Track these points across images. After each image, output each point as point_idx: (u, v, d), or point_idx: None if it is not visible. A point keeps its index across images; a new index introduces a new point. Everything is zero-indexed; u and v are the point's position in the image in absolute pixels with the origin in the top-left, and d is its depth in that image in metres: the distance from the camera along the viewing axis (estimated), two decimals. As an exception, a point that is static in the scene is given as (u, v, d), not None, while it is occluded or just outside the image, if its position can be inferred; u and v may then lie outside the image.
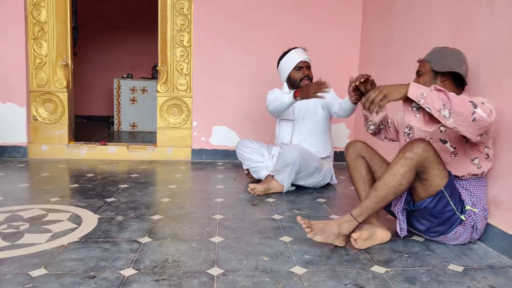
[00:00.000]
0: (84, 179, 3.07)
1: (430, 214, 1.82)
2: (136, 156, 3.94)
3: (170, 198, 2.62)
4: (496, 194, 1.93)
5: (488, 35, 2.02)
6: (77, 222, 2.12)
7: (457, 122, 1.57)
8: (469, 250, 1.89)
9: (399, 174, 1.72)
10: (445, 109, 1.54)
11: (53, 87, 3.84)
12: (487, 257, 1.82)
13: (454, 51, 1.96)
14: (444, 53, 1.94)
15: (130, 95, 6.04)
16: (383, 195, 1.75)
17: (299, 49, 2.96)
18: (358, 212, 1.80)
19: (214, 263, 1.67)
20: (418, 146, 1.71)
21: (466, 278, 1.62)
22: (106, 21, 7.17)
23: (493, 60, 1.98)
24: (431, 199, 1.77)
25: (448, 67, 1.89)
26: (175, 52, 3.86)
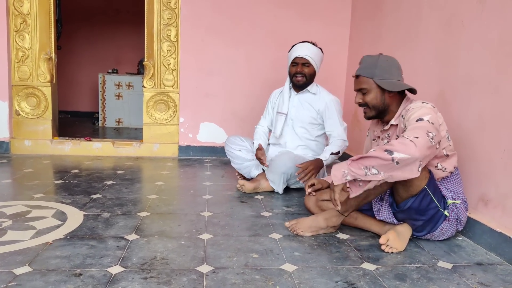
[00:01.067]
0: (68, 175, 3.00)
1: (415, 213, 1.81)
2: (122, 152, 3.88)
3: (157, 195, 2.58)
4: (484, 192, 1.94)
5: (479, 33, 2.02)
6: (62, 219, 2.08)
7: (388, 173, 1.62)
8: (457, 247, 1.90)
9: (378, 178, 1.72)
10: (370, 169, 1.63)
11: (36, 81, 3.75)
12: (475, 254, 1.83)
13: (392, 61, 1.91)
14: (384, 66, 1.86)
15: (116, 90, 5.94)
16: (364, 196, 1.81)
17: (304, 43, 2.80)
18: (343, 209, 1.89)
19: (203, 261, 1.65)
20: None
21: (456, 275, 1.63)
22: (90, 14, 7.03)
23: (483, 59, 1.99)
24: (414, 198, 1.76)
25: (398, 85, 1.86)
26: (162, 47, 3.81)
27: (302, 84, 2.80)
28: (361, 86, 1.90)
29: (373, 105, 1.90)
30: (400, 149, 1.59)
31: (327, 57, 3.98)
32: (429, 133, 1.65)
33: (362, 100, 1.92)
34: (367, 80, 1.88)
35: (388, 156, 1.59)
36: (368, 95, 1.89)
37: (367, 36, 3.53)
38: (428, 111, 1.73)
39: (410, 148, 1.59)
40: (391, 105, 1.91)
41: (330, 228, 1.98)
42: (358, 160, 1.67)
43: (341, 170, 1.69)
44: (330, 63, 3.98)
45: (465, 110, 2.11)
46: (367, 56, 1.94)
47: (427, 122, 1.68)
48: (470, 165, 2.05)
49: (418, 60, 2.61)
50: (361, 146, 3.55)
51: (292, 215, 2.29)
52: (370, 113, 1.93)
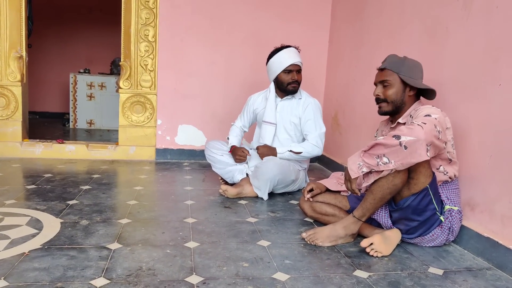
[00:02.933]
0: (41, 180, 2.86)
1: (412, 213, 1.82)
2: (96, 155, 3.74)
3: (137, 201, 2.49)
4: (471, 196, 1.96)
5: (464, 39, 2.04)
6: (38, 227, 1.96)
7: (398, 159, 1.66)
8: (445, 253, 1.91)
9: (391, 176, 1.74)
10: (382, 158, 1.68)
11: (5, 80, 3.56)
12: (464, 260, 1.84)
13: (418, 64, 1.97)
14: (411, 65, 1.94)
15: (87, 91, 5.76)
16: (380, 196, 1.80)
17: (292, 49, 2.75)
18: (360, 214, 1.87)
19: (192, 271, 1.59)
20: None
21: (448, 281, 1.63)
22: (61, 12, 6.80)
23: (468, 65, 2.00)
24: (415, 196, 1.78)
25: (420, 83, 1.92)
26: (140, 47, 3.70)
27: (295, 91, 2.79)
28: (385, 77, 1.94)
29: (392, 100, 1.93)
30: (406, 133, 1.64)
31: (307, 60, 3.98)
32: (436, 126, 1.69)
33: (382, 93, 1.95)
34: (392, 74, 1.93)
35: (396, 141, 1.64)
36: (390, 89, 1.93)
37: (348, 40, 3.54)
38: (436, 111, 1.78)
39: (416, 131, 1.63)
40: (407, 104, 1.96)
41: (349, 237, 1.92)
42: (369, 150, 1.71)
43: (356, 163, 1.74)
44: (310, 66, 3.98)
45: (450, 116, 2.10)
46: (394, 55, 1.99)
47: (434, 119, 1.72)
48: None
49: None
50: (341, 149, 3.57)
51: (278, 221, 2.25)
52: (387, 107, 1.96)
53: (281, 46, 2.80)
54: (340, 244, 1.93)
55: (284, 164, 2.65)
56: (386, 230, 1.91)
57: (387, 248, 1.82)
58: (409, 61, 1.94)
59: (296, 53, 2.77)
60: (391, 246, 1.85)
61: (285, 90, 2.78)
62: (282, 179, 2.64)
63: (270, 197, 2.72)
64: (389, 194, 1.79)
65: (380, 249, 1.80)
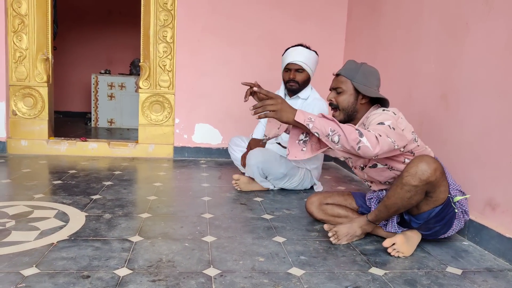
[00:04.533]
0: (66, 176, 3.00)
1: (435, 222, 1.83)
2: (117, 153, 3.88)
3: (156, 196, 2.60)
4: (491, 196, 1.93)
5: (485, 35, 2.00)
6: (65, 220, 2.08)
7: (345, 148, 1.62)
8: (464, 253, 1.91)
9: (406, 197, 1.75)
10: (334, 134, 1.61)
11: (33, 81, 3.74)
12: (484, 260, 1.83)
13: (374, 71, 1.94)
14: (366, 73, 1.90)
15: (108, 91, 5.93)
16: (394, 210, 1.83)
17: (297, 48, 2.76)
18: (373, 218, 1.92)
19: (210, 264, 1.67)
20: (424, 172, 1.68)
21: (466, 281, 1.62)
22: (82, 15, 7.00)
23: (489, 62, 1.97)
24: (440, 208, 1.79)
25: (373, 92, 1.88)
26: (158, 48, 3.82)
27: (295, 90, 2.83)
28: (338, 85, 1.92)
29: (343, 107, 1.91)
30: (368, 138, 1.60)
31: (322, 58, 4.02)
32: (389, 137, 1.65)
33: (334, 99, 1.93)
34: (345, 81, 1.90)
35: (356, 137, 1.60)
36: (342, 96, 1.90)
37: (364, 37, 3.56)
38: (388, 117, 1.75)
39: (374, 142, 1.60)
40: (359, 112, 1.92)
41: (362, 235, 2.00)
42: (330, 121, 1.64)
43: (309, 116, 1.63)
44: (325, 64, 4.00)
45: (469, 114, 2.11)
46: (352, 60, 1.97)
47: (387, 127, 1.69)
48: (476, 169, 2.04)
49: (418, 62, 2.62)
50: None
51: (294, 218, 2.32)
52: (339, 116, 1.93)
53: (293, 45, 2.84)
54: (355, 241, 1.98)
55: (270, 155, 2.72)
56: (407, 230, 1.92)
57: (409, 248, 1.84)
58: (365, 68, 1.91)
59: (300, 52, 2.74)
60: (412, 247, 1.86)
61: (286, 89, 2.86)
62: (266, 168, 2.71)
63: (286, 195, 2.79)
64: (404, 209, 1.81)
65: (402, 249, 1.81)
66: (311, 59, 2.76)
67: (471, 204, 2.02)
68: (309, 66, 2.75)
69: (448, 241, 2.05)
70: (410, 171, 1.71)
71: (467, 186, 2.05)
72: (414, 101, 2.65)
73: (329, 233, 1.95)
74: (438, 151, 2.28)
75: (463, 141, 2.15)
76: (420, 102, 2.60)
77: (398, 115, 1.82)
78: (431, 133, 2.41)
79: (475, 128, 2.05)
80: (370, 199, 2.09)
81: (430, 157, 1.74)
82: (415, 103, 2.64)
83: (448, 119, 2.30)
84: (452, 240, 2.07)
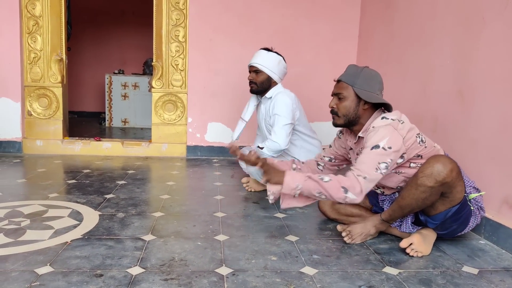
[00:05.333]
0: (80, 175, 3.03)
1: (452, 221, 1.81)
2: (131, 152, 3.90)
3: (169, 195, 2.61)
4: (509, 194, 1.90)
5: (502, 30, 1.96)
6: (78, 219, 2.10)
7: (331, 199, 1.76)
8: (481, 252, 1.88)
9: (421, 198, 1.74)
10: (321, 194, 1.75)
11: (47, 82, 3.78)
12: (501, 259, 1.80)
13: (375, 75, 1.90)
14: (367, 77, 1.86)
15: (122, 91, 5.97)
16: (409, 211, 1.83)
17: (258, 51, 2.79)
18: (387, 218, 1.91)
19: (222, 262, 1.67)
20: (440, 173, 1.67)
21: (483, 280, 1.60)
22: (96, 16, 7.06)
23: (506, 57, 1.93)
24: (457, 207, 1.76)
25: (374, 97, 1.85)
26: (171, 47, 3.83)
27: (255, 91, 2.80)
28: (339, 91, 1.90)
29: (344, 114, 1.88)
30: (353, 190, 1.70)
31: (335, 55, 4.00)
32: (380, 164, 1.71)
33: (335, 105, 1.91)
34: (346, 87, 1.87)
35: (343, 195, 1.71)
36: (343, 102, 1.88)
37: (378, 33, 3.52)
38: (385, 133, 1.74)
39: (358, 192, 1.70)
40: (362, 118, 1.89)
41: (375, 234, 1.98)
42: (316, 182, 1.74)
43: (296, 183, 1.75)
44: (339, 61, 3.99)
45: (486, 110, 2.07)
46: (353, 65, 1.95)
47: (381, 150, 1.71)
48: (492, 166, 2.01)
49: (433, 58, 2.59)
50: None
51: (306, 217, 2.30)
52: (339, 120, 1.92)
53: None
54: (369, 240, 1.97)
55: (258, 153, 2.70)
56: (422, 229, 1.89)
57: (427, 247, 1.82)
58: (366, 73, 1.87)
59: (258, 54, 2.76)
60: (430, 245, 1.84)
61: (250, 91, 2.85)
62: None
63: (298, 193, 2.77)
64: (418, 209, 1.80)
65: (420, 249, 1.79)
66: (269, 61, 2.72)
67: (487, 203, 1.99)
68: (266, 67, 2.71)
69: (464, 240, 2.01)
70: (425, 172, 1.69)
71: (483, 183, 2.01)
72: (429, 97, 2.61)
73: (342, 233, 1.94)
74: (453, 147, 2.25)
75: (479, 137, 2.12)
76: (435, 98, 2.56)
77: (400, 119, 1.80)
78: (446, 129, 2.37)
79: (492, 125, 2.02)
80: (383, 201, 2.07)
81: (445, 157, 1.72)
82: (430, 99, 2.60)
83: (464, 115, 2.26)
84: (469, 239, 2.03)
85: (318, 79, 3.93)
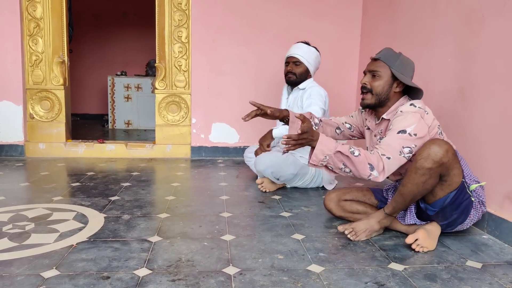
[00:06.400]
0: (84, 178, 3.01)
1: (452, 209, 1.81)
2: (134, 154, 3.89)
3: (174, 196, 2.59)
4: (511, 189, 1.90)
5: (502, 27, 1.97)
6: (84, 222, 2.08)
7: (354, 176, 1.78)
8: (484, 246, 1.88)
9: (421, 182, 1.74)
10: (346, 168, 1.76)
11: (49, 84, 3.77)
12: (504, 253, 1.81)
13: (411, 62, 1.93)
14: (404, 62, 1.89)
15: (125, 92, 5.97)
16: (411, 198, 1.81)
17: (298, 43, 2.87)
18: (391, 211, 1.90)
19: (229, 262, 1.65)
20: (437, 153, 1.69)
21: (487, 274, 1.60)
22: (98, 18, 7.07)
23: (507, 54, 1.93)
24: (454, 194, 1.77)
25: (410, 82, 1.87)
26: (173, 48, 3.81)
27: (293, 82, 2.86)
28: (376, 68, 1.90)
29: (377, 92, 1.90)
30: (378, 169, 1.73)
31: (338, 55, 3.98)
32: (405, 148, 1.75)
33: (368, 83, 1.91)
34: (384, 66, 1.89)
35: (368, 171, 1.73)
36: (378, 80, 1.89)
37: (380, 32, 3.51)
38: (413, 120, 1.77)
39: (381, 172, 1.73)
40: (391, 100, 1.92)
41: (381, 230, 1.97)
42: (344, 157, 1.74)
43: (325, 154, 1.74)
44: (342, 60, 3.98)
45: (487, 107, 2.08)
46: (390, 48, 1.96)
47: (407, 136, 1.75)
48: (494, 162, 2.02)
49: (435, 56, 2.59)
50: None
51: (312, 215, 2.28)
52: (370, 100, 1.92)
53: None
54: (374, 237, 1.96)
55: (277, 158, 2.70)
56: (426, 224, 1.89)
57: (432, 242, 1.82)
58: (404, 58, 1.91)
59: (298, 47, 2.85)
60: (435, 240, 1.84)
61: (286, 81, 2.92)
62: (276, 171, 2.69)
63: (304, 193, 2.76)
64: (420, 196, 1.80)
65: (426, 244, 1.79)
66: (309, 54, 2.84)
67: (490, 198, 2.00)
68: (306, 59, 2.82)
69: (467, 234, 2.03)
70: (422, 154, 1.72)
71: (485, 179, 2.02)
72: (431, 95, 2.59)
73: (345, 231, 1.93)
74: (455, 144, 2.22)
75: (481, 134, 2.12)
76: (437, 95, 2.55)
77: (425, 109, 1.84)
78: (449, 127, 2.36)
79: (493, 121, 2.02)
80: (387, 190, 2.11)
81: (440, 140, 1.75)
82: (432, 96, 2.59)
83: (466, 112, 2.26)
84: (472, 234, 2.04)
85: (322, 78, 3.89)
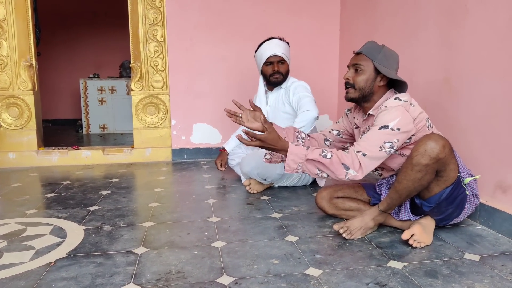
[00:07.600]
0: (60, 187, 2.84)
1: (447, 204, 1.78)
2: (112, 159, 3.72)
3: (158, 203, 2.45)
4: (501, 179, 1.89)
5: (485, 17, 1.95)
6: (62, 236, 1.93)
7: (333, 178, 1.72)
8: (479, 237, 1.86)
9: (418, 178, 1.69)
10: (322, 173, 1.71)
11: (17, 89, 3.55)
12: (499, 244, 1.79)
13: (395, 54, 1.87)
14: (387, 54, 1.83)
15: (98, 95, 5.75)
16: (407, 195, 1.77)
17: (274, 40, 2.71)
18: (385, 207, 1.84)
19: (222, 271, 1.54)
20: (433, 149, 1.64)
21: (486, 267, 1.57)
22: (66, 18, 6.81)
23: (491, 43, 1.92)
24: (451, 188, 1.73)
25: (394, 74, 1.82)
26: (149, 47, 3.66)
27: (280, 82, 2.74)
28: (358, 62, 1.84)
29: (360, 87, 1.84)
30: (353, 167, 1.67)
31: (318, 50, 3.91)
32: (386, 143, 1.68)
33: (352, 77, 1.86)
34: (366, 60, 1.83)
35: (343, 171, 1.67)
36: (361, 75, 1.83)
37: (360, 26, 3.45)
38: (396, 114, 1.70)
39: (358, 169, 1.67)
40: (375, 94, 1.86)
41: (375, 227, 1.92)
42: (316, 162, 1.70)
43: (297, 163, 1.71)
44: (322, 56, 3.92)
45: (474, 97, 2.05)
46: (373, 41, 1.89)
47: (389, 130, 1.68)
48: (484, 152, 1.99)
49: (419, 48, 2.54)
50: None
51: (304, 215, 2.19)
52: (353, 94, 1.87)
53: (265, 40, 2.78)
54: (369, 234, 1.91)
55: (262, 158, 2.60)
56: (421, 219, 1.86)
57: (428, 237, 1.78)
58: (387, 50, 1.85)
59: (278, 44, 2.69)
60: (431, 235, 1.81)
61: (270, 83, 2.77)
62: (262, 173, 2.59)
63: (291, 191, 2.67)
64: (415, 192, 1.75)
65: (422, 239, 1.75)
66: (287, 50, 2.75)
67: (481, 188, 1.98)
68: (288, 57, 2.74)
69: (461, 226, 2.01)
70: (419, 150, 1.66)
71: (476, 170, 2.00)
72: (416, 87, 2.55)
73: (340, 230, 1.87)
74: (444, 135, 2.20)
75: (469, 124, 2.09)
76: (422, 87, 2.51)
77: (411, 102, 1.78)
78: (436, 118, 2.31)
79: (481, 111, 1.99)
80: (380, 185, 2.05)
81: (436, 135, 1.70)
82: (417, 88, 2.54)
83: (453, 103, 2.23)
84: (465, 225, 2.02)
85: (302, 74, 3.82)
